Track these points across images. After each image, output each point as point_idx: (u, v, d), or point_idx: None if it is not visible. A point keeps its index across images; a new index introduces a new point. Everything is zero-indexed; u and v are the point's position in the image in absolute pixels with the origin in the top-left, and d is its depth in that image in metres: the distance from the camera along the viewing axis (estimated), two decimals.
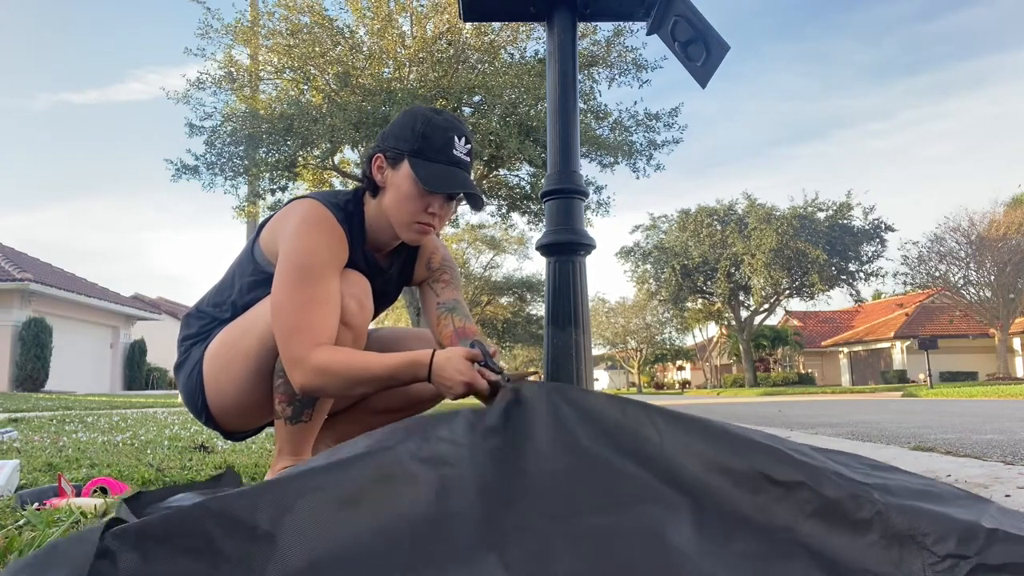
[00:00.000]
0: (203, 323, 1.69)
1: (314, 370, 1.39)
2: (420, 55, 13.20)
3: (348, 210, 1.59)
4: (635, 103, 14.99)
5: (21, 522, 1.28)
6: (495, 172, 15.18)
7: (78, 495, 1.62)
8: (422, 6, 13.68)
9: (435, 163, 1.53)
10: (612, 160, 14.59)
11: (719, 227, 33.71)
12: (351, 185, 13.27)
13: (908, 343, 33.63)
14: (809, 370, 39.27)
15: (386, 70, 13.68)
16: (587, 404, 1.01)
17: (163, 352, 27.00)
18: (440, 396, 1.67)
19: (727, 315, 36.69)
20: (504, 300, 34.48)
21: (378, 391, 1.54)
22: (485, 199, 1.72)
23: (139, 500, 1.10)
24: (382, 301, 1.79)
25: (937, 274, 31.68)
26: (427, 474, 0.88)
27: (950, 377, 31.60)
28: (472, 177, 1.62)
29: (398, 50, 13.46)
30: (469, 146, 1.58)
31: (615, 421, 0.99)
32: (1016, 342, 33.67)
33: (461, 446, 0.94)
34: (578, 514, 0.85)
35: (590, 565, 0.78)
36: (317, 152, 13.88)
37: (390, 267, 1.74)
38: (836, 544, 0.82)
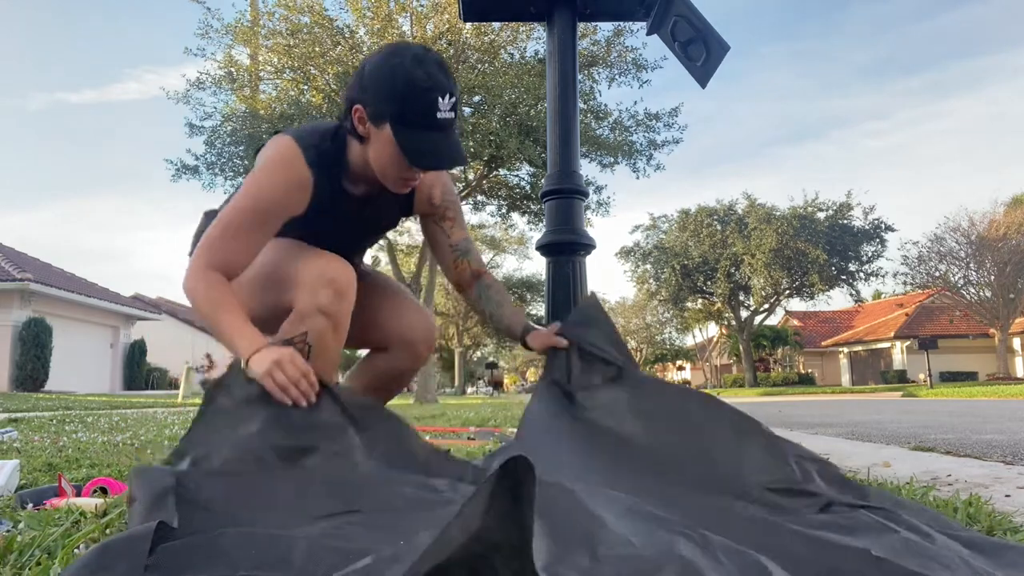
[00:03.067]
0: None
1: (191, 287, 1.47)
2: None
3: (323, 148, 1.56)
4: (635, 103, 15.03)
5: (21, 524, 1.28)
6: (495, 172, 15.19)
7: (78, 495, 1.62)
8: (422, 6, 13.68)
9: (419, 129, 1.47)
10: (612, 160, 14.60)
11: (719, 227, 33.70)
12: None
13: (908, 343, 33.63)
14: (809, 370, 39.26)
15: None
16: None
17: (163, 352, 27.00)
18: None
19: (727, 315, 36.68)
20: None
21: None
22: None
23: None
24: (384, 227, 1.81)
25: (937, 274, 31.67)
26: None
27: (950, 377, 31.59)
28: (456, 125, 1.55)
29: None
30: (454, 99, 1.49)
31: None
32: (1016, 342, 33.66)
33: None
34: None
35: None
36: None
37: (377, 196, 1.67)
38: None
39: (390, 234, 21.03)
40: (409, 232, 22.28)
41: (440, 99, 1.46)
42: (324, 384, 1.39)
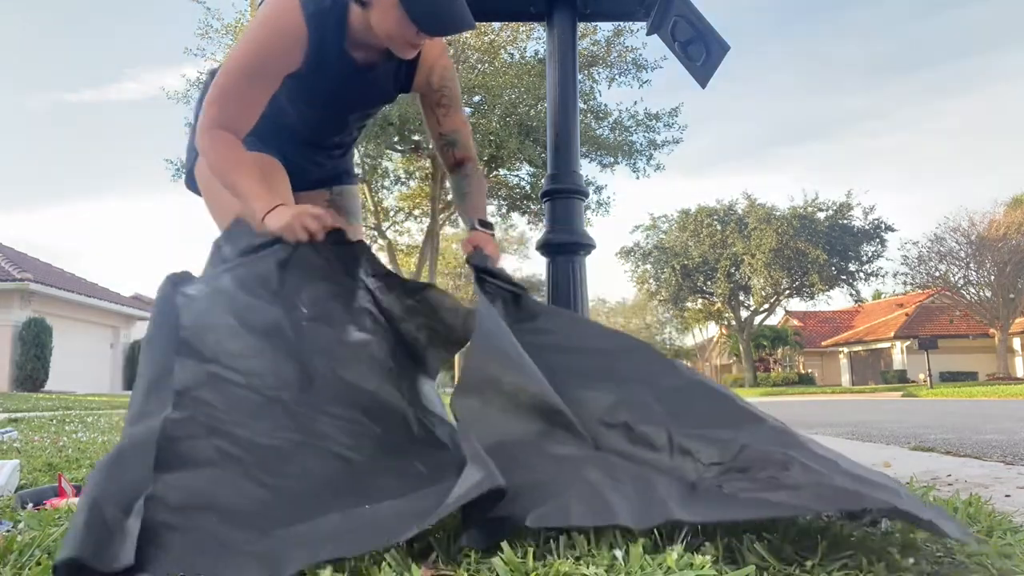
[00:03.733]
0: None
1: (204, 148, 1.53)
2: None
3: (323, 5, 1.52)
4: (635, 103, 15.00)
5: (21, 523, 1.28)
6: (495, 172, 15.19)
7: (78, 495, 1.62)
8: None
9: None
10: (612, 160, 14.61)
11: (719, 227, 33.71)
12: None
13: (908, 343, 33.63)
14: (809, 370, 39.26)
15: None
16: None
17: None
18: None
19: (727, 315, 36.69)
20: None
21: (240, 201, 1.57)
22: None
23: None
24: (374, 101, 1.79)
25: (937, 274, 31.68)
26: None
27: (950, 377, 31.59)
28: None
29: None
30: None
31: None
32: (1016, 342, 33.67)
33: None
34: None
35: None
36: None
37: (377, 66, 1.65)
38: (645, 455, 1.23)
39: (390, 234, 21.04)
40: (409, 232, 22.30)
41: None
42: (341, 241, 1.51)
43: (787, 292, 33.26)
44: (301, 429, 1.28)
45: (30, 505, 1.49)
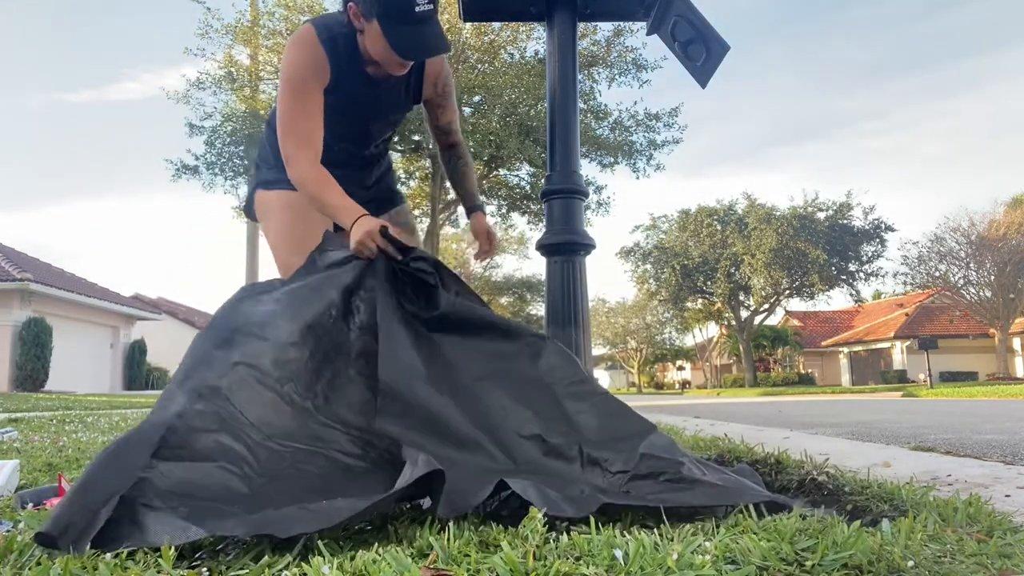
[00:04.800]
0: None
1: (295, 175, 1.74)
2: None
3: (335, 31, 1.77)
4: (635, 103, 15.00)
5: (21, 523, 1.28)
6: (495, 172, 15.19)
7: None
8: None
9: (403, 23, 1.66)
10: (612, 160, 14.61)
11: (719, 227, 33.69)
12: None
13: (908, 343, 33.62)
14: (809, 370, 39.25)
15: None
16: None
17: (163, 352, 26.98)
18: None
19: (727, 315, 36.67)
20: (504, 300, 34.48)
21: (329, 216, 1.78)
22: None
23: None
24: (391, 111, 2.00)
25: (937, 274, 31.66)
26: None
27: (950, 377, 31.58)
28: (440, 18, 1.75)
29: None
30: None
31: None
32: (1016, 342, 33.66)
33: None
34: None
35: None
36: None
37: (388, 78, 1.86)
38: (557, 467, 1.41)
39: None
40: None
41: None
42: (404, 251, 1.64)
43: (787, 292, 33.24)
44: (313, 436, 1.36)
45: (30, 505, 1.49)
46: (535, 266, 39.99)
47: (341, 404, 1.43)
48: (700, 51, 2.13)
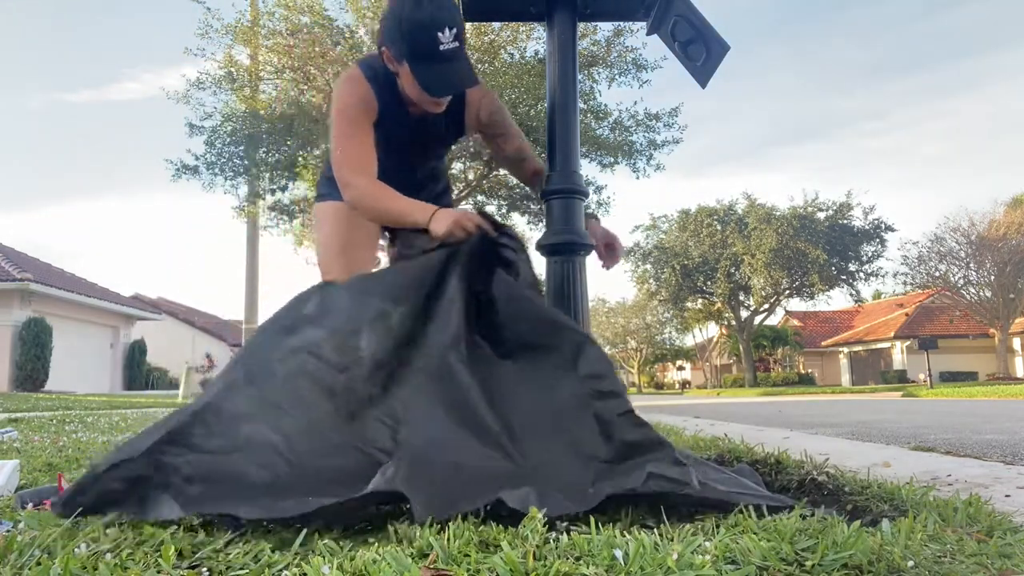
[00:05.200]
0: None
1: (352, 196, 1.81)
2: None
3: (379, 70, 1.86)
4: (635, 103, 14.95)
5: (21, 523, 1.28)
6: (495, 172, 15.18)
7: None
8: None
9: (430, 63, 1.72)
10: (612, 160, 14.59)
11: (719, 227, 33.68)
12: None
13: (908, 343, 33.61)
14: (809, 370, 39.24)
15: None
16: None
17: (163, 352, 27.00)
18: None
19: (727, 315, 36.67)
20: None
21: (397, 226, 1.90)
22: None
23: None
24: (433, 145, 2.11)
25: (937, 274, 31.66)
26: None
27: (950, 377, 31.58)
28: (467, 58, 1.79)
29: None
30: (455, 30, 1.70)
31: None
32: (1016, 342, 33.65)
33: None
34: None
35: None
36: (317, 152, 13.87)
37: (428, 115, 1.94)
38: (570, 468, 1.38)
39: None
40: None
41: (440, 34, 1.68)
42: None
43: (787, 292, 33.24)
44: (352, 431, 1.39)
45: (30, 505, 1.49)
46: (535, 266, 39.88)
47: (397, 397, 1.45)
48: (700, 51, 2.13)
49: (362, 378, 1.44)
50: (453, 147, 2.30)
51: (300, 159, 13.81)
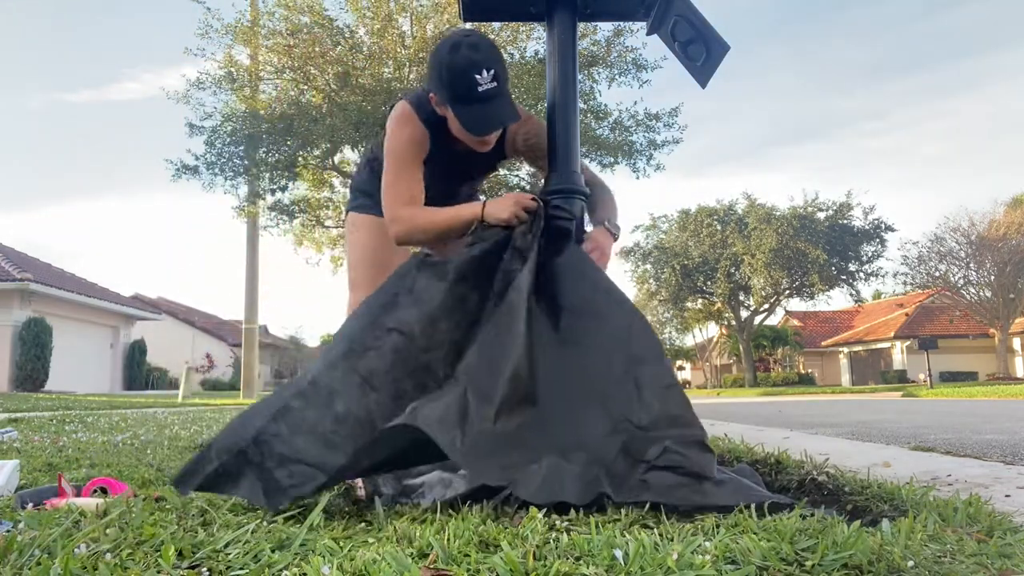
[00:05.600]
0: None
1: (400, 229, 1.87)
2: (420, 55, 13.19)
3: (427, 110, 1.94)
4: (635, 103, 14.95)
5: (21, 523, 1.28)
6: (495, 172, 15.20)
7: (78, 495, 1.62)
8: (422, 6, 13.67)
9: (471, 104, 1.81)
10: (612, 160, 14.59)
11: (719, 227, 33.67)
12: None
13: (908, 343, 33.61)
14: (809, 370, 39.23)
15: (386, 70, 13.67)
16: None
17: (163, 352, 26.98)
18: None
19: (727, 315, 36.66)
20: None
21: (452, 235, 1.91)
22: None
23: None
24: (477, 175, 2.28)
25: (937, 274, 31.66)
26: None
27: (950, 377, 31.57)
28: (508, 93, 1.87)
29: (398, 50, 13.45)
30: (493, 71, 1.79)
31: None
32: (1016, 342, 33.65)
33: None
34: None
35: None
36: (317, 152, 13.87)
37: (474, 151, 2.03)
38: (598, 443, 1.44)
39: None
40: None
41: (477, 76, 1.77)
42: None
43: (787, 292, 33.23)
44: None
45: (30, 505, 1.49)
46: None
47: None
48: (700, 51, 2.13)
49: (440, 359, 1.55)
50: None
51: (300, 159, 13.81)
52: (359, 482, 1.67)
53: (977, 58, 74.75)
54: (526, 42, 13.80)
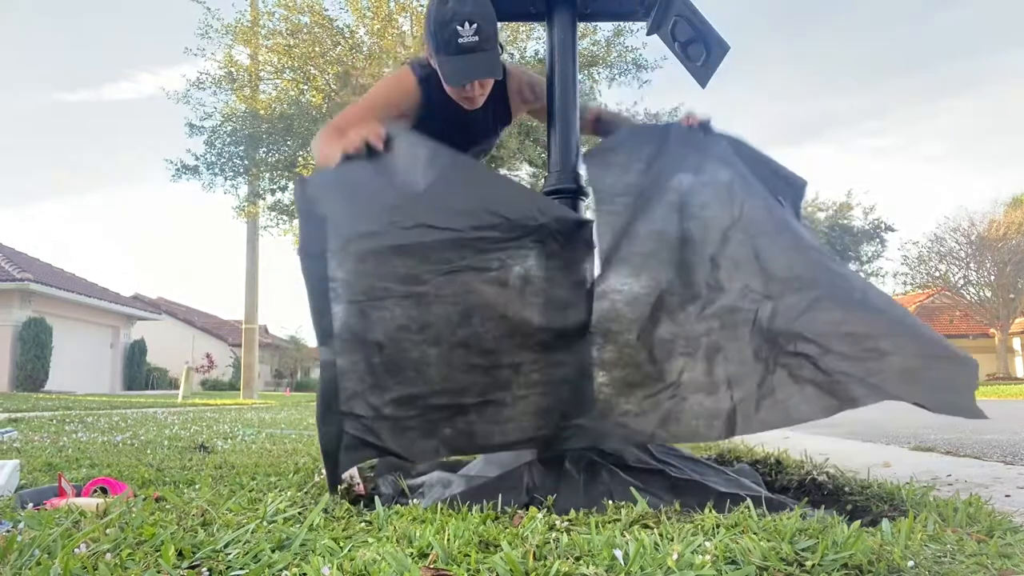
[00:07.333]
0: None
1: (313, 142, 1.90)
2: (420, 55, 13.20)
3: (428, 71, 1.97)
4: (635, 103, 14.97)
5: (21, 523, 1.28)
6: (498, 137, 15.23)
7: (78, 495, 1.62)
8: (422, 6, 13.66)
9: (452, 55, 1.81)
10: None
11: None
12: None
13: None
14: None
15: (386, 70, 13.66)
16: None
17: (163, 352, 26.98)
18: None
19: None
20: None
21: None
22: (502, 64, 2.07)
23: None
24: (481, 138, 2.25)
25: (937, 274, 31.65)
26: None
27: None
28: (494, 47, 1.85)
29: (398, 50, 13.44)
30: (476, 25, 1.79)
31: None
32: (1016, 342, 33.63)
33: None
34: None
35: None
36: None
37: (479, 112, 2.07)
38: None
39: None
40: None
41: (459, 27, 1.78)
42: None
43: None
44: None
45: (30, 505, 1.49)
46: None
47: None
48: (700, 51, 2.13)
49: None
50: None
51: (300, 159, 13.80)
52: (358, 481, 1.67)
53: (977, 58, 74.71)
54: (526, 42, 13.80)
